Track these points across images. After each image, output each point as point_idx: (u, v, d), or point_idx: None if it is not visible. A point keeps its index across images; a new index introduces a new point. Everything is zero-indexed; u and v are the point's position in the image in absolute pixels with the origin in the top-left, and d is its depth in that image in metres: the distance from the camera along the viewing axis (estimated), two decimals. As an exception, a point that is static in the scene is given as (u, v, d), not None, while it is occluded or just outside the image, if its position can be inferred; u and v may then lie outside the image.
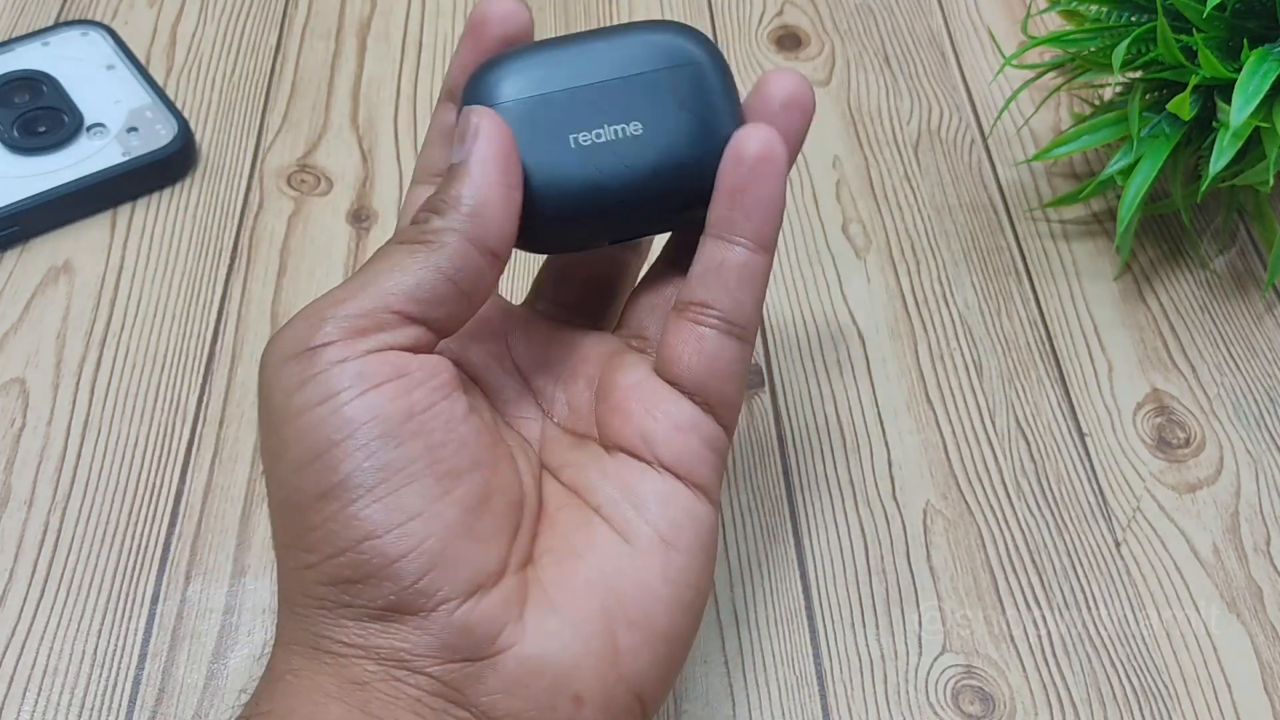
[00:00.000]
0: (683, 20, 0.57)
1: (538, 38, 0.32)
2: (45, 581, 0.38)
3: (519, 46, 0.32)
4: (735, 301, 0.31)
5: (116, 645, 0.37)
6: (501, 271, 0.31)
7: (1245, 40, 0.42)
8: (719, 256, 0.31)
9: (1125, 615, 0.39)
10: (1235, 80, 0.41)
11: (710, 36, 0.56)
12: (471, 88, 0.32)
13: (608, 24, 0.56)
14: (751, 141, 0.31)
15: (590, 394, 0.33)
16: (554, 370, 0.33)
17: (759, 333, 0.46)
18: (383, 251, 0.30)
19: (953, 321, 0.46)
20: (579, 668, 0.28)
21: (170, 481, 0.41)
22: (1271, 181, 0.42)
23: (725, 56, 0.32)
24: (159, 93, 0.51)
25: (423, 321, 0.29)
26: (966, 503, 0.41)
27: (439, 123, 0.34)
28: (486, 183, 0.30)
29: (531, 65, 0.32)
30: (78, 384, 0.43)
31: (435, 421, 0.28)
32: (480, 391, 0.33)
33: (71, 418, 0.42)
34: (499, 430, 0.32)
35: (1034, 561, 0.40)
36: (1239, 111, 0.40)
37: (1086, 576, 0.40)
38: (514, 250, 0.31)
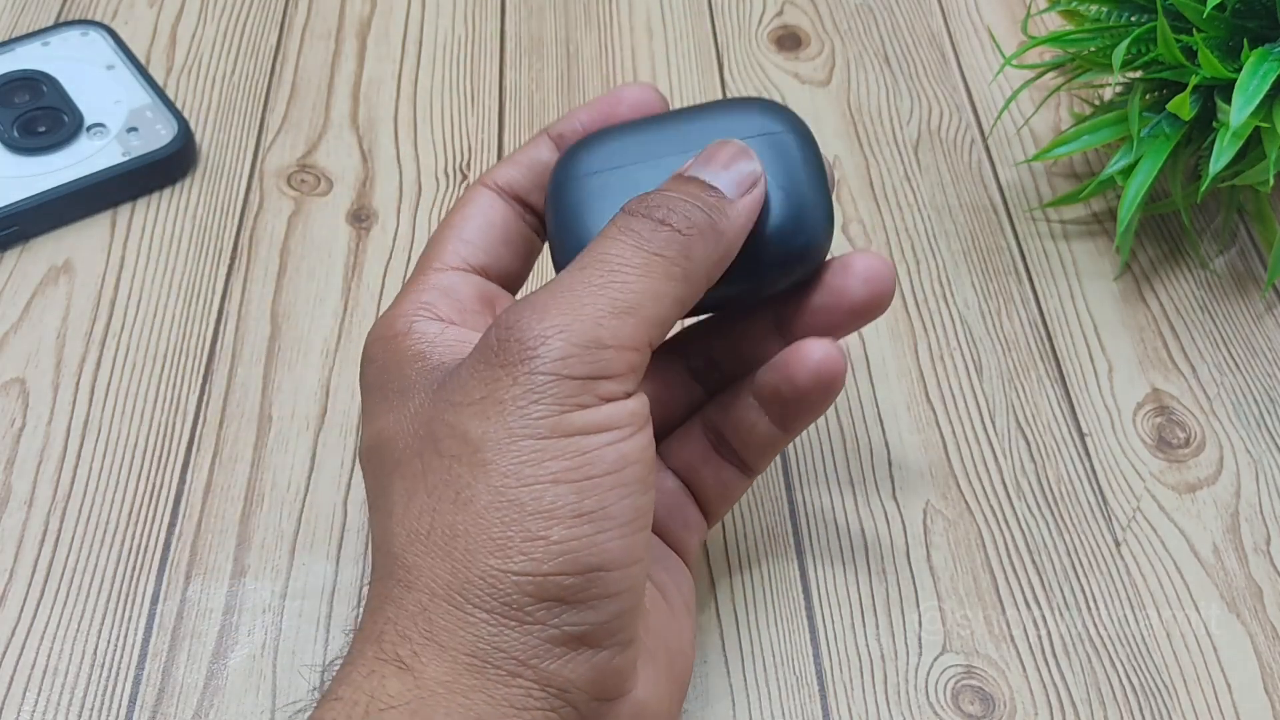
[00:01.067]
0: (683, 20, 0.57)
1: (534, 35, 0.33)
2: (45, 581, 0.38)
3: (622, 123, 0.34)
4: (756, 459, 0.35)
5: (116, 645, 0.37)
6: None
7: (1245, 40, 0.42)
8: (754, 420, 0.34)
9: (1125, 615, 0.39)
10: (1235, 80, 0.41)
11: (711, 37, 0.56)
12: (569, 158, 0.34)
13: (607, 24, 0.56)
14: (811, 359, 0.33)
15: None
16: None
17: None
18: (643, 261, 0.29)
19: (953, 321, 0.46)
20: (660, 714, 0.30)
21: (170, 481, 0.41)
22: (1271, 181, 0.42)
23: (805, 127, 0.34)
24: (159, 93, 0.51)
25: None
26: (966, 503, 0.41)
27: (530, 153, 0.35)
28: (740, 237, 0.31)
29: (626, 137, 0.34)
30: (78, 384, 0.43)
31: (659, 469, 0.31)
32: None
33: (71, 418, 0.42)
34: None
35: (1034, 561, 0.40)
36: (1239, 111, 0.40)
37: (1086, 576, 0.40)
38: None
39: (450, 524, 0.28)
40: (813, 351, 0.32)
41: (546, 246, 0.36)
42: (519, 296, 0.36)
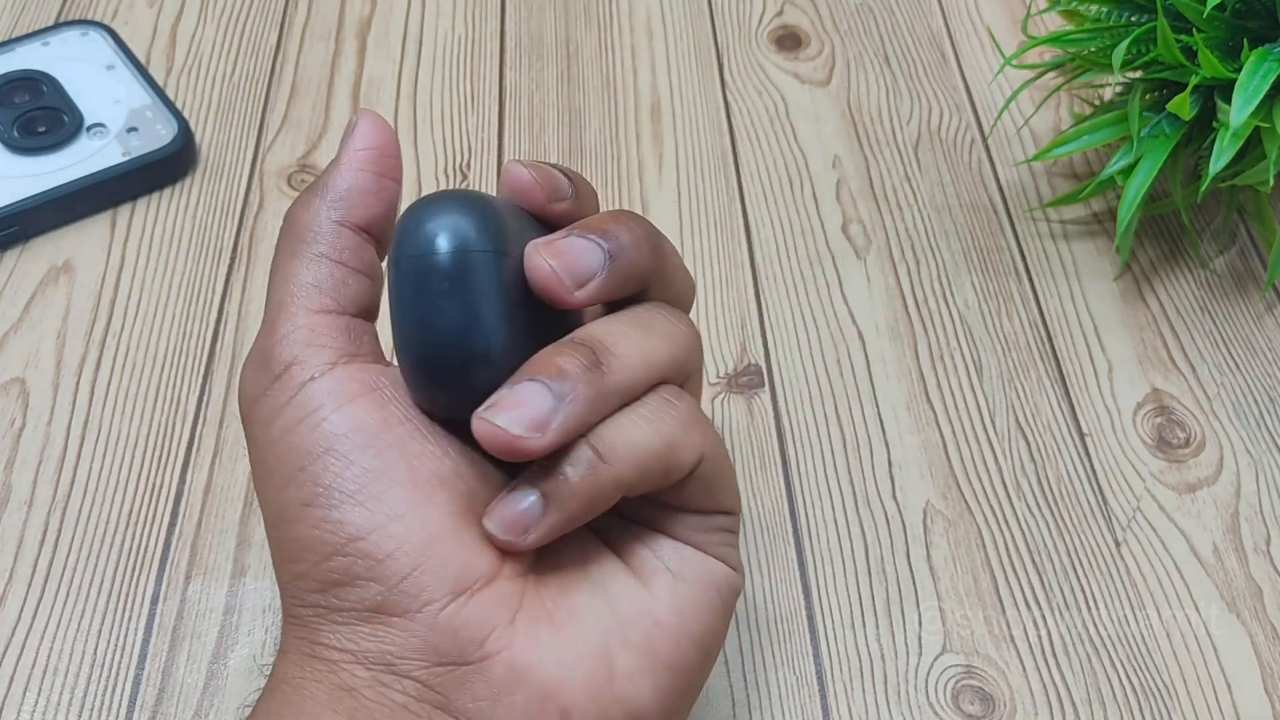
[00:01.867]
0: (683, 20, 0.57)
1: (534, 35, 0.32)
2: (45, 581, 0.38)
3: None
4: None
5: (116, 645, 0.37)
6: (381, 254, 0.32)
7: (1245, 40, 0.42)
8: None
9: (1125, 615, 0.39)
10: (1235, 80, 0.41)
11: (711, 37, 0.56)
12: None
13: (607, 24, 0.56)
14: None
15: None
16: None
17: (759, 332, 0.46)
18: (274, 271, 0.31)
19: (953, 321, 0.46)
20: (569, 681, 0.28)
21: (170, 481, 0.41)
22: (1271, 181, 0.42)
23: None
24: (159, 93, 0.51)
25: (345, 311, 0.30)
26: (966, 503, 0.41)
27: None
28: (354, 169, 0.31)
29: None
30: (78, 384, 0.43)
31: (412, 432, 0.29)
32: None
33: (71, 418, 0.42)
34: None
35: (1034, 561, 0.40)
36: (1239, 111, 0.40)
37: (1086, 576, 0.40)
38: None
39: (272, 559, 0.30)
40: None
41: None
42: None
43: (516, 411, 0.27)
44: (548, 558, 0.30)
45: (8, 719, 0.36)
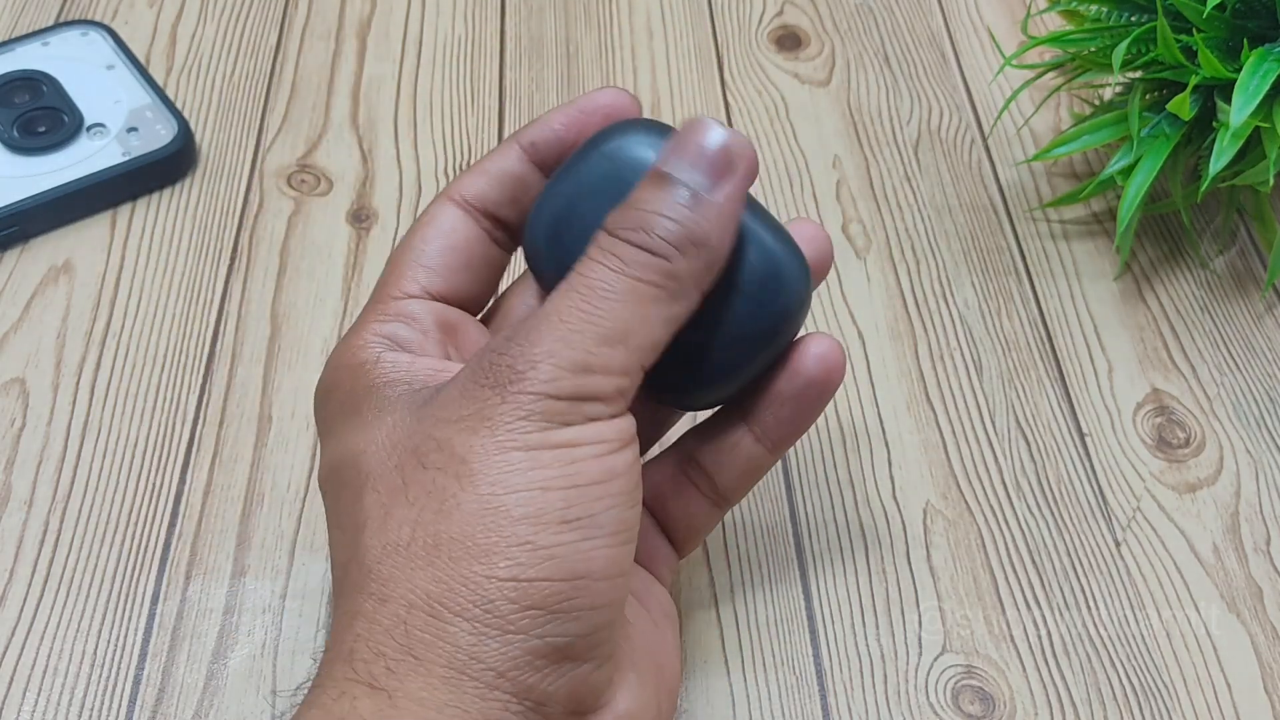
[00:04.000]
0: (683, 20, 0.57)
1: (534, 35, 0.33)
2: (45, 581, 0.38)
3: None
4: (733, 486, 0.34)
5: (116, 645, 0.37)
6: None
7: (1245, 40, 0.42)
8: (737, 440, 0.33)
9: (1125, 615, 0.39)
10: (1235, 80, 0.41)
11: (711, 37, 0.56)
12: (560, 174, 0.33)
13: (607, 24, 0.56)
14: (814, 360, 0.32)
15: None
16: None
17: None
18: (628, 288, 0.29)
19: (953, 321, 0.46)
20: None
21: (170, 481, 0.41)
22: (1271, 181, 0.42)
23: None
24: (159, 93, 0.51)
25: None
26: (966, 503, 0.41)
27: (498, 163, 0.34)
28: (727, 234, 0.30)
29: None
30: (78, 384, 0.43)
31: (639, 489, 0.29)
32: None
33: (71, 418, 0.42)
34: None
35: (1034, 561, 0.40)
36: (1239, 111, 0.40)
37: (1086, 576, 0.40)
38: None
39: (433, 533, 0.27)
40: (815, 344, 0.32)
41: (520, 257, 0.35)
42: (483, 317, 0.35)
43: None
44: None
45: (8, 719, 0.36)
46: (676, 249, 0.29)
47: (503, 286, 0.36)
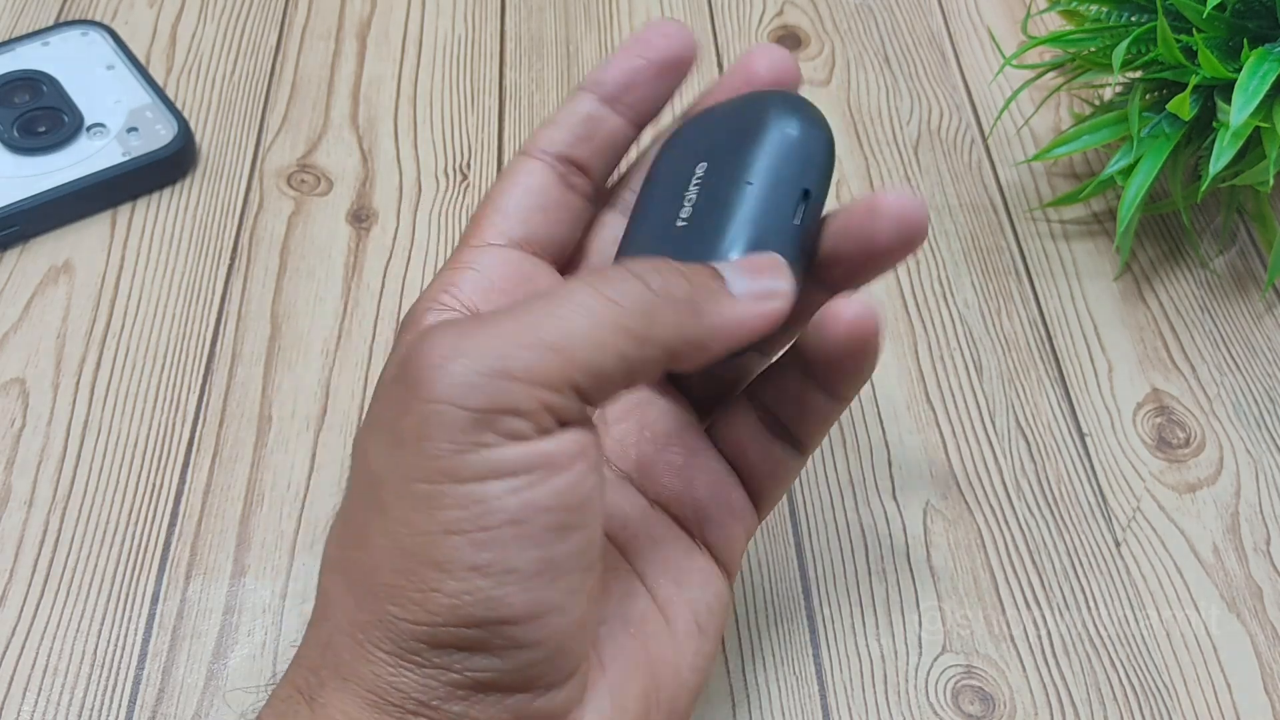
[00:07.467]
0: (683, 20, 0.57)
1: (534, 35, 0.33)
2: (45, 581, 0.38)
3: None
4: (808, 433, 0.32)
5: (116, 645, 0.37)
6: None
7: (1245, 40, 0.42)
8: (802, 389, 0.32)
9: (1125, 615, 0.39)
10: (1235, 80, 0.41)
11: (711, 37, 0.56)
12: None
13: (607, 24, 0.56)
14: (843, 320, 0.30)
15: (640, 434, 0.32)
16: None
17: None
18: (597, 307, 0.26)
19: (953, 321, 0.46)
20: None
21: (170, 481, 0.41)
22: (1271, 181, 0.42)
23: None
24: (159, 93, 0.51)
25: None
26: (966, 503, 0.41)
27: (570, 109, 0.34)
28: (749, 331, 0.28)
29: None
30: (78, 384, 0.43)
31: (594, 512, 0.27)
32: None
33: (71, 418, 0.42)
34: None
35: (1034, 561, 0.40)
36: (1239, 111, 0.40)
37: (1086, 576, 0.40)
38: None
39: (355, 559, 0.27)
40: (843, 312, 0.30)
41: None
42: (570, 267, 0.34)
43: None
44: (602, 606, 0.29)
45: (8, 719, 0.36)
46: (670, 299, 0.27)
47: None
